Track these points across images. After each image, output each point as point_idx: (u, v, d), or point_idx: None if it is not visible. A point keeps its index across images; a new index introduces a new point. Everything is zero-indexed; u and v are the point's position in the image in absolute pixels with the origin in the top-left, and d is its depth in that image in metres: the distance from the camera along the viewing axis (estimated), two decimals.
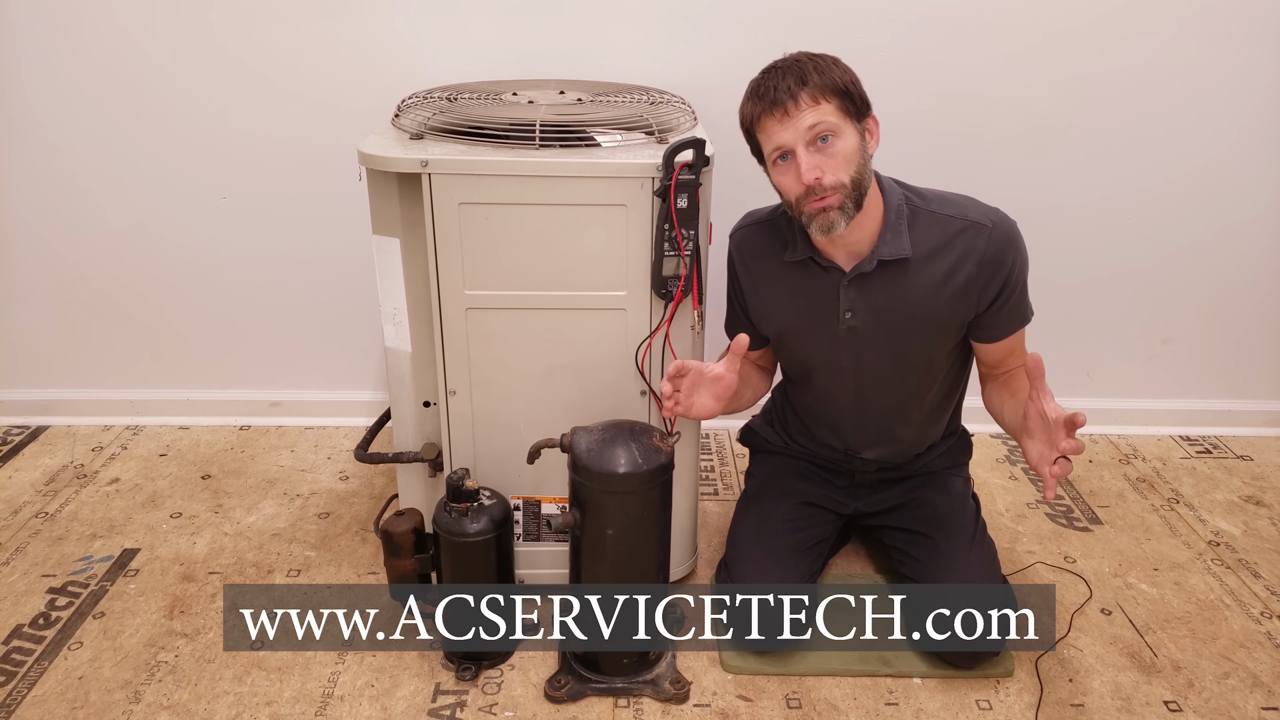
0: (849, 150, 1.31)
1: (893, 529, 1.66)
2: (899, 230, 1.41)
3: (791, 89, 1.28)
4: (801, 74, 1.29)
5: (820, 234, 1.36)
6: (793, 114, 1.29)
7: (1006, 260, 1.41)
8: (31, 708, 1.42)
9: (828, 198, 1.31)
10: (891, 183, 1.44)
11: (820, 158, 1.30)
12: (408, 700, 1.45)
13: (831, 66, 1.31)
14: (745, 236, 1.55)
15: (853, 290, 1.45)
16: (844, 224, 1.34)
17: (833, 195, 1.31)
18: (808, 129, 1.29)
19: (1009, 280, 1.42)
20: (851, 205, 1.33)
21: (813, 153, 1.30)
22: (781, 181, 1.36)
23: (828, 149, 1.30)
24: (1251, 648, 1.59)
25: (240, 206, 2.11)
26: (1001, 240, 1.40)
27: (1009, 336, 1.47)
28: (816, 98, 1.28)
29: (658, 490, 1.38)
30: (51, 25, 1.95)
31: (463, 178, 1.37)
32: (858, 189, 1.33)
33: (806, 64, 1.30)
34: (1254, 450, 2.24)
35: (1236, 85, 2.03)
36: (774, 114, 1.30)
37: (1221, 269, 2.20)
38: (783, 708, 1.44)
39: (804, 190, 1.32)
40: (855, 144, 1.32)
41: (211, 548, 1.81)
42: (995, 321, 1.45)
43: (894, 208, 1.41)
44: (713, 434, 2.23)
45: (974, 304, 1.43)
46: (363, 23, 1.96)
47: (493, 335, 1.48)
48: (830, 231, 1.34)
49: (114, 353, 2.25)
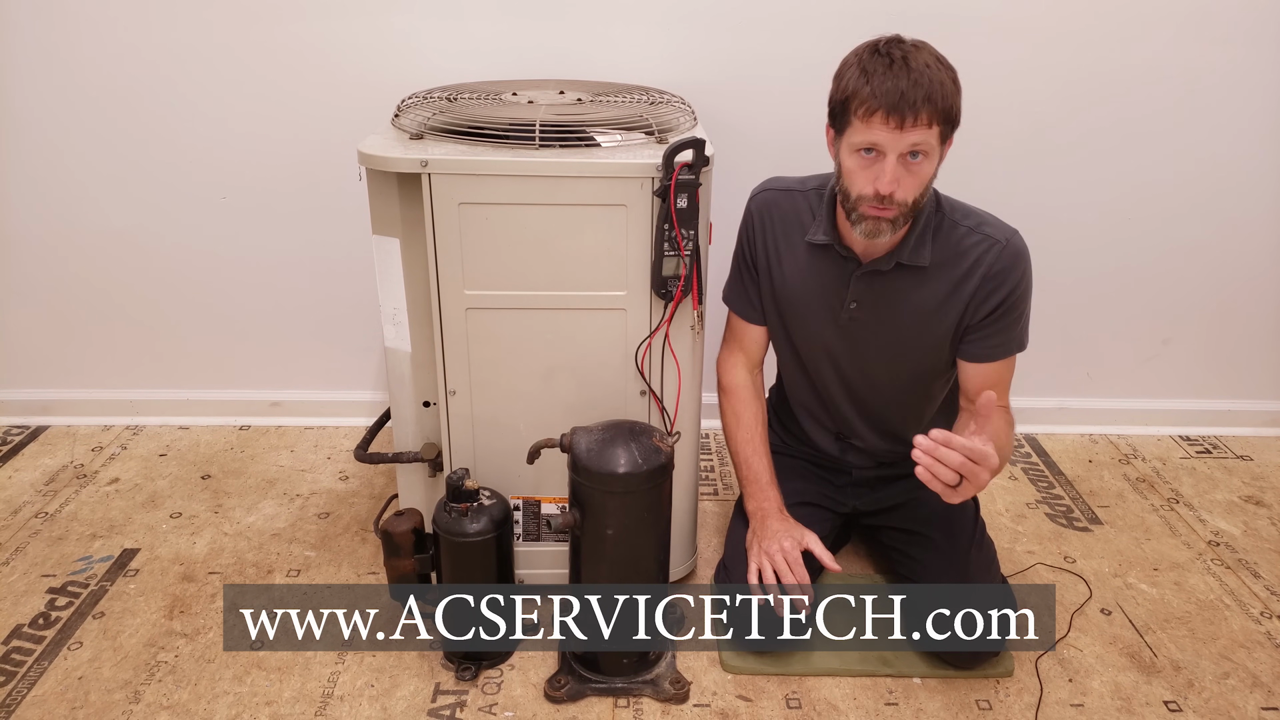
0: (929, 172, 1.31)
1: (892, 529, 1.66)
2: (924, 239, 1.41)
3: (916, 104, 1.23)
4: (930, 91, 1.24)
5: (863, 236, 1.36)
6: (907, 128, 1.25)
7: (1010, 278, 1.41)
8: (31, 708, 1.42)
9: (889, 210, 1.31)
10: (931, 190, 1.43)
11: (904, 173, 1.29)
12: (408, 700, 1.45)
13: (950, 83, 1.27)
14: (771, 199, 1.53)
15: (863, 283, 1.45)
16: (889, 235, 1.35)
17: (893, 209, 1.31)
18: (911, 144, 1.27)
19: (1008, 299, 1.41)
20: (903, 220, 1.34)
21: (901, 166, 1.29)
22: (856, 172, 1.32)
23: (914, 166, 1.29)
24: (1251, 648, 1.59)
25: (240, 206, 2.10)
26: (1010, 257, 1.40)
27: (993, 361, 1.45)
28: (932, 119, 1.25)
29: (657, 490, 1.38)
30: (51, 25, 1.95)
31: (463, 178, 1.37)
32: (916, 208, 1.34)
33: (936, 79, 1.25)
34: (1254, 450, 2.24)
35: (1236, 85, 2.03)
36: (889, 118, 1.25)
37: (1221, 269, 2.20)
38: (783, 708, 1.44)
39: (873, 194, 1.30)
40: (935, 167, 1.32)
41: (211, 548, 1.81)
42: (983, 338, 1.44)
43: (926, 215, 1.41)
44: (713, 434, 2.23)
45: (969, 315, 1.43)
46: (363, 23, 1.96)
47: (493, 335, 1.48)
48: (874, 238, 1.35)
49: (114, 353, 2.25)
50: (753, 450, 1.58)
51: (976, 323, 1.43)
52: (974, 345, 1.45)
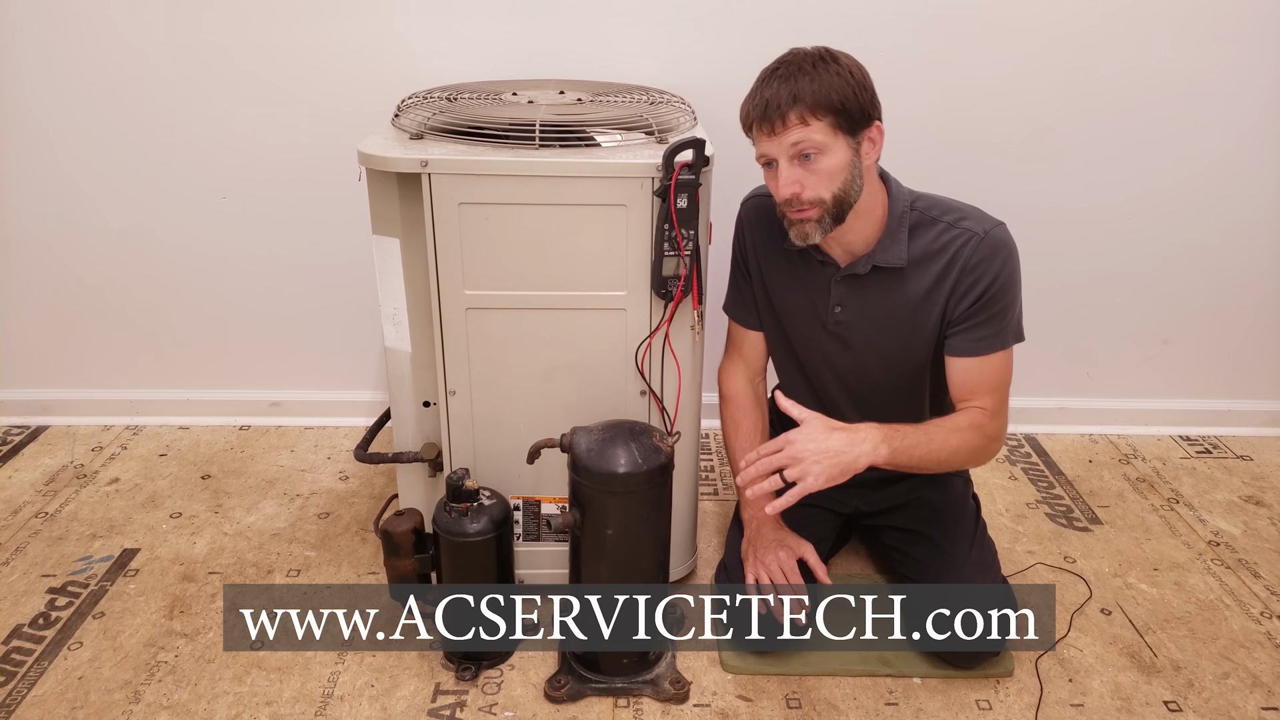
0: (834, 167, 1.31)
1: (893, 529, 1.66)
2: (898, 238, 1.41)
3: (781, 106, 1.28)
4: (795, 90, 1.27)
5: (796, 241, 1.39)
6: (779, 131, 1.29)
7: (990, 269, 1.38)
8: (31, 708, 1.42)
9: (805, 210, 1.33)
10: (901, 188, 1.43)
11: (801, 172, 1.31)
12: (408, 700, 1.45)
13: (833, 78, 1.28)
14: (759, 206, 1.55)
15: (844, 286, 1.46)
16: (819, 236, 1.36)
17: (810, 209, 1.33)
18: (791, 144, 1.30)
19: (988, 291, 1.39)
20: (830, 219, 1.35)
21: (794, 167, 1.31)
22: (768, 184, 1.39)
23: (811, 165, 1.31)
24: (1251, 648, 1.59)
25: (240, 206, 2.11)
26: (989, 249, 1.38)
27: (979, 356, 1.42)
28: (805, 117, 1.28)
29: (657, 490, 1.38)
30: (51, 26, 1.95)
31: (463, 178, 1.37)
32: (839, 204, 1.34)
33: (806, 75, 1.28)
34: (1254, 450, 2.24)
35: (1238, 88, 2.03)
36: (762, 126, 1.31)
37: (1222, 269, 2.19)
38: (783, 708, 1.44)
39: (782, 200, 1.34)
40: (843, 160, 1.31)
41: (211, 548, 1.81)
42: (967, 331, 1.42)
43: (897, 214, 1.41)
44: (713, 434, 2.23)
45: (951, 309, 1.42)
46: (363, 23, 1.96)
47: (493, 335, 1.48)
48: (805, 241, 1.38)
49: (114, 353, 2.25)
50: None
51: (958, 316, 1.42)
52: (958, 339, 1.43)
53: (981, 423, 1.42)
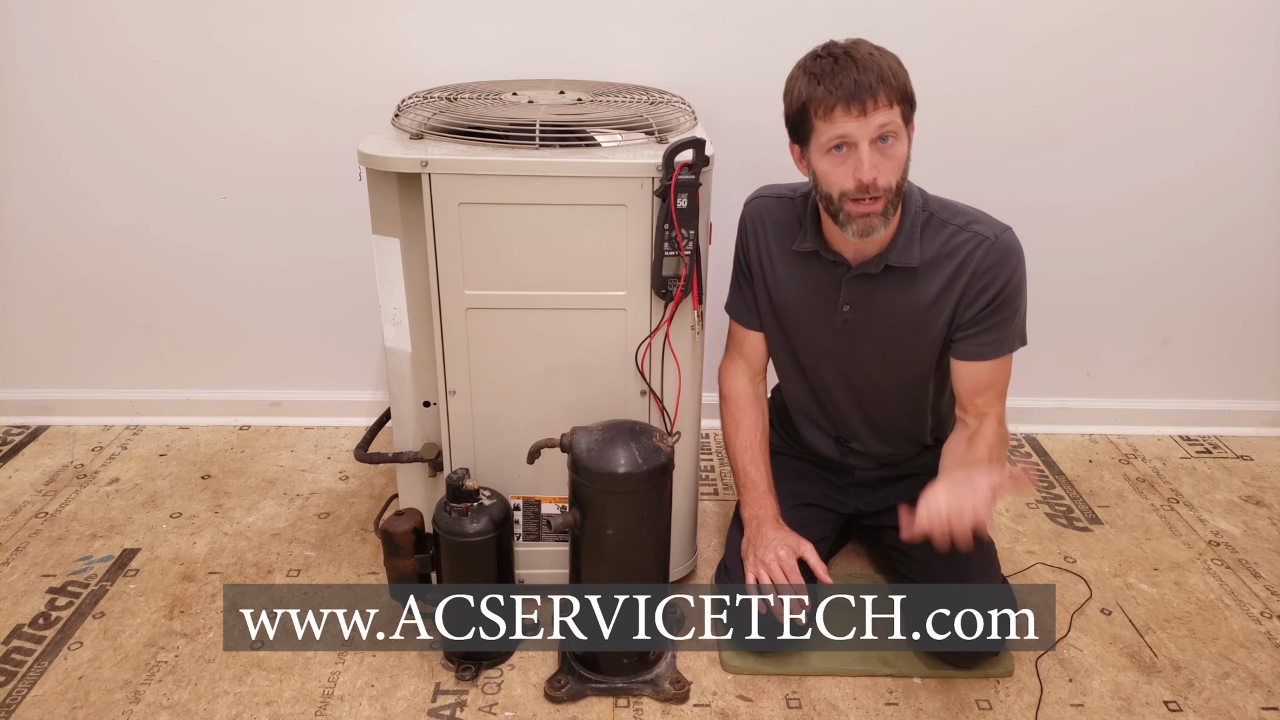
0: (903, 154, 1.32)
1: (893, 529, 1.65)
2: (912, 238, 1.41)
3: (873, 87, 1.26)
4: (882, 73, 1.27)
5: (856, 236, 1.35)
6: (870, 112, 1.27)
7: (1001, 274, 1.39)
8: (31, 708, 1.42)
9: (871, 204, 1.31)
10: (913, 188, 1.43)
11: (879, 158, 1.30)
12: (408, 700, 1.45)
13: (902, 71, 1.30)
14: (763, 206, 1.54)
15: (854, 285, 1.45)
16: (882, 229, 1.34)
17: (877, 201, 1.31)
18: (879, 125, 1.28)
19: (998, 296, 1.40)
20: (891, 210, 1.34)
21: (874, 152, 1.29)
22: (832, 172, 1.33)
23: (888, 150, 1.30)
24: (1251, 648, 1.59)
25: (240, 206, 2.11)
26: (999, 253, 1.39)
27: (986, 360, 1.44)
28: (892, 100, 1.27)
29: (658, 490, 1.38)
30: (52, 26, 1.95)
31: (463, 178, 1.37)
32: (899, 194, 1.34)
33: (884, 63, 1.28)
34: (1254, 450, 2.24)
35: (1236, 86, 2.03)
36: (851, 107, 1.26)
37: (1221, 269, 2.19)
38: (783, 708, 1.44)
39: (854, 186, 1.30)
40: (907, 149, 1.33)
41: (211, 548, 1.81)
42: (975, 335, 1.43)
43: (911, 214, 1.41)
44: (713, 434, 2.23)
45: (961, 313, 1.43)
46: (363, 23, 1.96)
47: (493, 335, 1.48)
48: (869, 234, 1.35)
49: (114, 353, 2.25)
50: (750, 459, 1.58)
51: (968, 320, 1.43)
52: (966, 343, 1.45)
53: (1004, 433, 1.46)
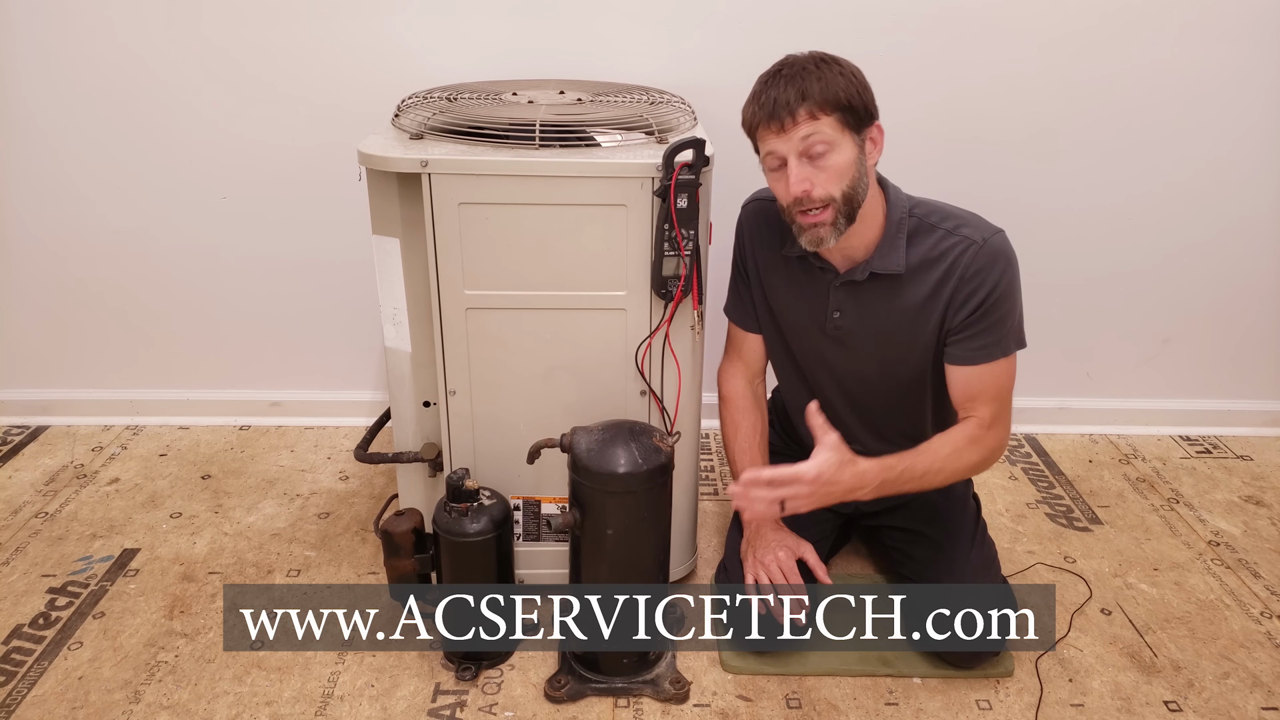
0: (843, 164, 1.31)
1: (893, 529, 1.66)
2: (897, 244, 1.40)
3: (790, 103, 1.28)
4: (803, 88, 1.28)
5: (808, 246, 1.37)
6: (788, 128, 1.29)
7: (989, 278, 1.37)
8: (31, 708, 1.42)
9: (818, 214, 1.32)
10: (899, 194, 1.43)
11: (811, 170, 1.30)
12: (408, 700, 1.45)
13: (837, 77, 1.29)
14: (759, 210, 1.54)
15: (843, 292, 1.45)
16: (834, 239, 1.35)
17: (823, 211, 1.32)
18: (801, 139, 1.29)
19: (987, 299, 1.38)
20: (843, 220, 1.34)
21: (804, 164, 1.30)
22: (775, 187, 1.37)
23: (820, 161, 1.30)
24: (1251, 648, 1.59)
25: (240, 207, 2.11)
26: (987, 257, 1.37)
27: (978, 364, 1.42)
28: (814, 113, 1.28)
29: (658, 490, 1.38)
30: (50, 27, 1.95)
31: (463, 178, 1.37)
32: (850, 203, 1.33)
33: (811, 74, 1.29)
34: (1254, 450, 2.24)
35: (1237, 88, 2.03)
36: (771, 124, 1.30)
37: (1221, 269, 2.19)
38: (783, 708, 1.44)
39: (793, 200, 1.32)
40: (851, 157, 1.31)
41: (211, 548, 1.81)
42: (966, 339, 1.41)
43: (895, 220, 1.40)
44: (713, 434, 2.23)
45: (950, 317, 1.41)
46: (363, 23, 1.96)
47: (493, 335, 1.48)
48: (818, 246, 1.36)
49: (114, 353, 2.25)
50: (749, 460, 1.57)
51: (958, 324, 1.41)
52: (957, 348, 1.43)
53: (978, 436, 1.42)
